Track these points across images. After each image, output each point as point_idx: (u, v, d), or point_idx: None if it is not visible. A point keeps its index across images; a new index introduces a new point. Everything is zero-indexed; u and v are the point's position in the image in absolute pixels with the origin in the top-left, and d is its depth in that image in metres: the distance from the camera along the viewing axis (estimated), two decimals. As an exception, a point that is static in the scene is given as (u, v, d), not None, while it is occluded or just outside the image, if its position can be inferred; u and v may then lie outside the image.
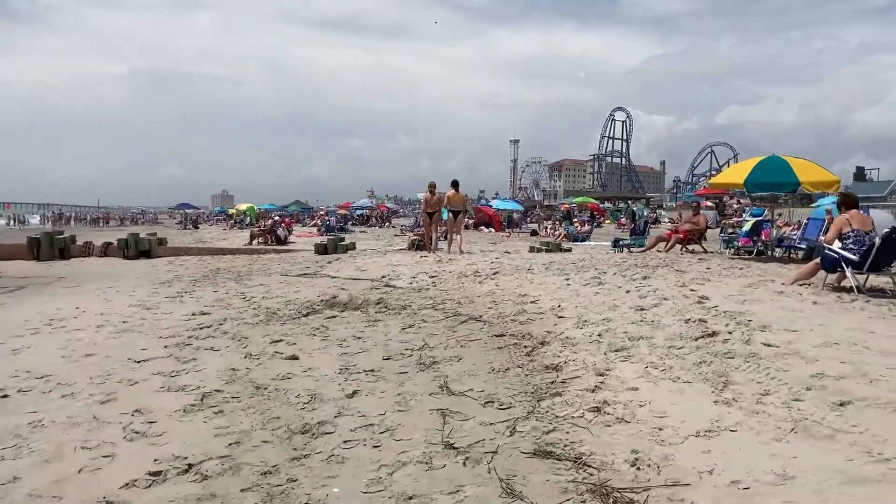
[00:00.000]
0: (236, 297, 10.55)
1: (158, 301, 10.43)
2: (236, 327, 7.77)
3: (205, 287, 12.15)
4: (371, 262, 14.66)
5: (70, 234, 20.74)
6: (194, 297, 10.72)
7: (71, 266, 18.18)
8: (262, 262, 17.27)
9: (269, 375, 5.49)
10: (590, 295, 8.18)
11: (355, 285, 11.30)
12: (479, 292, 9.34)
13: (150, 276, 15.23)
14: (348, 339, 6.74)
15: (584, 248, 21.20)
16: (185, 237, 34.63)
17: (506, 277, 10.54)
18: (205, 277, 13.87)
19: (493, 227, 36.69)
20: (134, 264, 18.48)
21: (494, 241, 26.96)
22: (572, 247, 21.01)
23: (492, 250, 21.21)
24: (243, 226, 43.42)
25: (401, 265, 13.61)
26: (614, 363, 5.21)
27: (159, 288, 12.31)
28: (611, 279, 9.29)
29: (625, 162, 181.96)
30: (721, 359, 5.04)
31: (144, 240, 19.85)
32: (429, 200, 17.45)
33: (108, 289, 12.76)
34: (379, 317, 7.90)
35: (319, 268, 14.55)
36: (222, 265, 17.01)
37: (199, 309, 9.25)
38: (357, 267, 13.95)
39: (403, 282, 11.40)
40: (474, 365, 5.46)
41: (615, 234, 29.37)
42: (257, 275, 13.95)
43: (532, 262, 12.48)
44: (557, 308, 7.53)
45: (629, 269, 10.03)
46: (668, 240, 14.98)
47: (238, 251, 20.70)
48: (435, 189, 17.57)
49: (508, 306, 7.97)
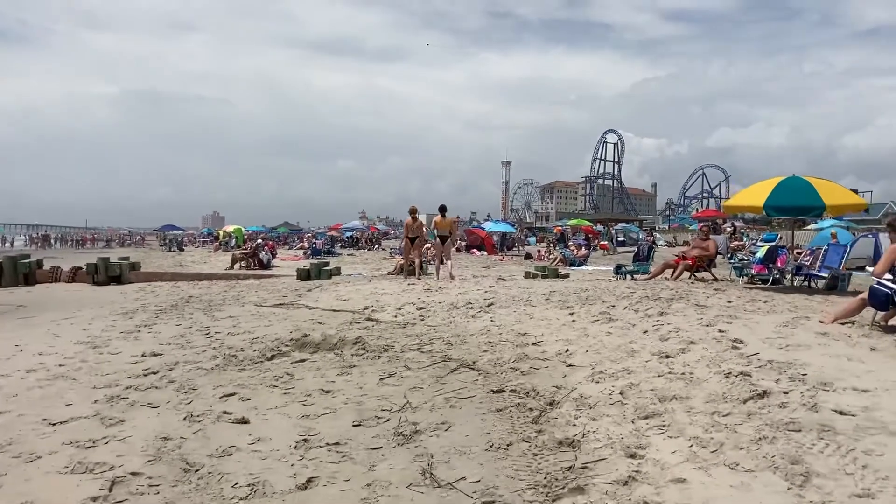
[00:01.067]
0: (199, 332, 9.38)
1: (111, 337, 9.24)
2: (187, 374, 6.61)
3: (169, 319, 10.96)
4: (354, 289, 13.50)
5: (37, 258, 19.49)
6: (152, 332, 9.54)
7: (34, 293, 16.94)
8: (239, 288, 16.11)
9: (207, 449, 4.32)
10: (601, 335, 7.04)
11: (334, 318, 10.14)
12: (473, 330, 8.19)
13: (115, 304, 14.02)
14: (315, 392, 5.58)
15: (581, 274, 20.10)
16: (165, 260, 33.40)
17: (502, 311, 9.40)
18: (172, 307, 12.69)
19: (486, 249, 35.61)
20: (102, 291, 17.25)
21: (487, 264, 25.85)
22: (569, 272, 19.90)
23: (485, 275, 20.08)
24: (228, 248, 42.16)
25: (386, 294, 12.46)
26: (647, 437, 4.07)
27: (118, 320, 11.12)
28: (622, 314, 8.16)
29: (616, 184, 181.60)
30: (786, 434, 3.90)
31: (115, 264, 18.62)
32: (410, 225, 17.02)
33: (63, 320, 11.56)
34: (355, 361, 6.74)
35: (298, 296, 13.38)
36: (196, 292, 15.82)
37: (153, 348, 8.07)
38: (338, 296, 12.78)
39: (388, 314, 10.25)
40: (467, 437, 4.30)
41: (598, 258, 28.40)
42: (230, 304, 12.77)
43: (530, 292, 11.34)
44: (565, 353, 6.39)
45: (641, 303, 8.91)
46: (676, 267, 13.88)
47: (216, 276, 19.51)
48: (416, 213, 17.09)
49: (507, 349, 6.82)
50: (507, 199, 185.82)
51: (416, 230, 17.23)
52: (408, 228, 17.44)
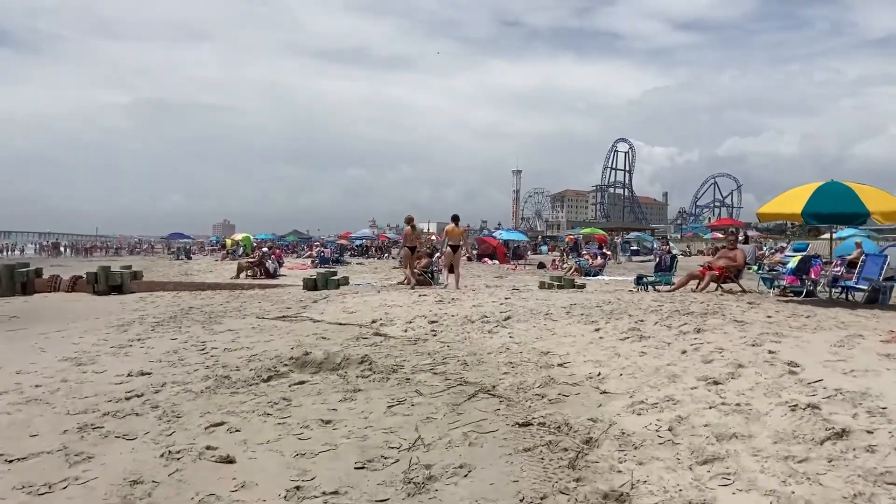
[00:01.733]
0: (194, 347, 8.71)
1: (99, 353, 8.58)
2: (174, 397, 5.93)
3: (164, 332, 10.31)
4: (362, 301, 12.82)
5: (36, 267, 18.90)
6: (145, 348, 8.88)
7: (30, 303, 16.34)
8: (243, 299, 15.47)
9: (181, 497, 3.63)
10: (633, 355, 6.32)
11: (339, 333, 9.46)
12: (490, 347, 7.47)
13: (112, 316, 13.40)
14: (313, 423, 4.87)
15: (598, 284, 19.33)
16: (170, 269, 32.78)
17: (521, 325, 8.69)
18: (171, 319, 12.04)
19: (498, 258, 34.86)
20: (102, 301, 16.64)
21: (500, 274, 25.09)
22: (586, 282, 19.14)
23: (498, 285, 19.35)
24: (236, 257, 41.55)
25: (395, 306, 11.77)
26: (711, 489, 3.34)
27: (112, 333, 10.47)
28: (654, 331, 7.43)
29: (627, 193, 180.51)
30: (885, 488, 3.18)
31: (116, 274, 18.01)
32: (408, 235, 16.63)
33: (54, 333, 10.93)
34: (360, 384, 6.03)
35: (302, 308, 12.71)
36: (197, 303, 15.19)
37: (142, 366, 7.40)
38: (345, 308, 12.10)
39: (397, 328, 9.55)
40: (492, 485, 3.58)
41: (612, 268, 27.71)
42: (231, 316, 12.11)
43: (549, 304, 10.62)
44: (597, 377, 5.66)
45: (672, 318, 8.17)
46: (701, 277, 13.12)
47: (219, 286, 18.86)
48: (413, 222, 16.82)
49: (530, 371, 6.10)
50: (517, 207, 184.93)
51: (415, 239, 16.87)
52: (406, 238, 17.01)
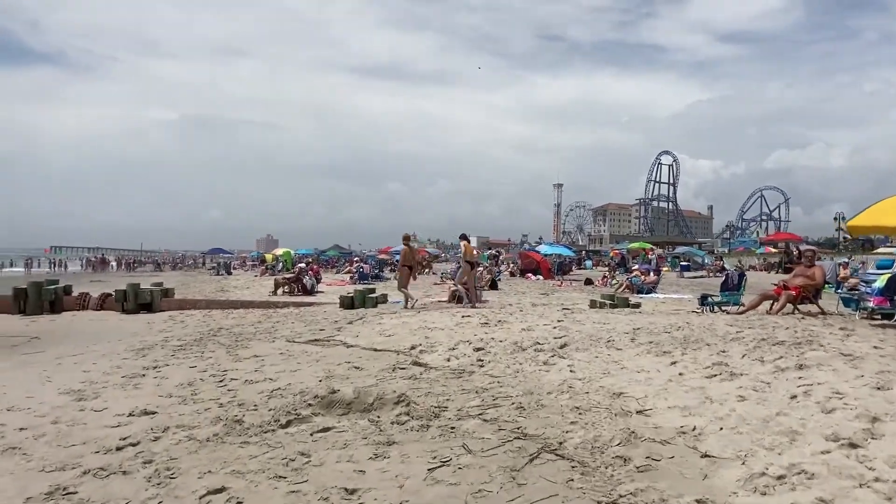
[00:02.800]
0: (212, 378, 7.76)
1: (107, 384, 7.69)
2: (174, 448, 4.95)
3: (185, 358, 9.42)
4: (400, 323, 11.79)
5: (65, 284, 18.29)
6: (159, 378, 7.97)
7: (56, 322, 15.68)
8: (276, 319, 14.60)
9: None
10: (729, 399, 5.16)
11: (374, 361, 8.44)
12: (549, 384, 6.37)
13: (136, 337, 12.60)
14: (334, 494, 3.84)
15: (654, 303, 18.07)
16: (208, 285, 32.29)
17: (581, 355, 7.56)
18: (195, 342, 11.18)
19: (542, 274, 33.62)
20: (129, 320, 15.91)
21: (546, 291, 23.91)
22: (639, 300, 17.89)
23: (545, 304, 18.20)
24: (275, 272, 40.99)
25: (437, 328, 10.72)
26: None
27: (129, 359, 9.62)
28: (743, 366, 6.25)
29: (671, 206, 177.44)
30: None
31: (145, 291, 17.29)
32: (406, 254, 16.25)
33: (68, 357, 10.13)
34: (396, 434, 4.98)
35: (336, 330, 11.73)
36: (227, 323, 14.36)
37: (148, 403, 6.46)
38: (382, 330, 11.09)
39: (439, 356, 8.50)
40: None
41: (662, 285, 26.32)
42: (260, 339, 11.20)
43: (608, 329, 9.47)
44: (691, 431, 4.52)
45: (760, 348, 6.97)
46: (776, 298, 11.82)
47: (253, 304, 18.03)
48: (410, 241, 16.52)
49: (603, 420, 4.98)
50: (558, 221, 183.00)
51: (412, 258, 16.56)
52: (404, 257, 16.40)
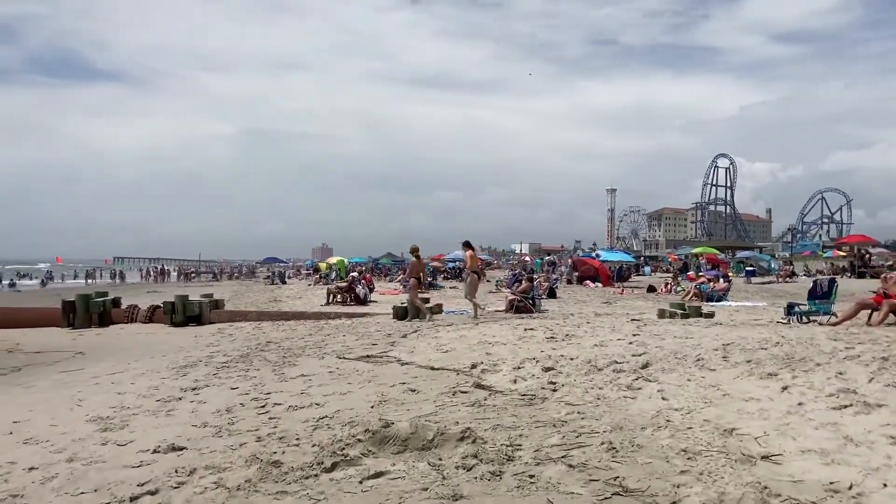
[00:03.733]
0: (254, 403, 7.01)
1: (140, 409, 7.00)
2: (197, 497, 4.15)
3: (228, 377, 8.71)
4: (458, 336, 10.91)
5: (114, 296, 17.91)
6: (196, 402, 7.25)
7: (103, 336, 15.23)
8: (327, 331, 13.89)
9: None
10: (879, 441, 4.13)
11: (431, 382, 7.57)
12: (640, 415, 5.39)
13: (182, 352, 11.98)
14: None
15: (727, 312, 16.83)
16: (262, 294, 31.95)
17: (669, 378, 6.55)
18: (242, 358, 10.49)
19: (601, 281, 32.42)
20: (177, 334, 15.38)
21: (608, 299, 22.78)
22: (712, 309, 16.66)
23: (609, 313, 17.13)
24: (329, 281, 40.57)
25: (498, 343, 9.81)
26: None
27: (168, 378, 8.94)
28: (875, 393, 5.18)
29: (729, 210, 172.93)
30: None
31: (194, 303, 16.77)
32: (414, 265, 16.31)
33: (107, 377, 9.53)
34: (462, 484, 4.08)
35: (390, 344, 10.92)
36: (277, 336, 13.69)
37: (178, 435, 5.73)
38: (439, 345, 10.23)
39: (504, 377, 7.58)
40: None
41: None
42: (309, 354, 10.47)
43: (692, 343, 8.41)
44: (847, 490, 3.52)
45: (888, 369, 5.87)
46: (875, 307, 10.58)
47: (304, 316, 17.37)
48: (418, 252, 16.39)
49: (722, 469, 3.99)
50: (612, 227, 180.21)
51: (420, 270, 16.45)
52: (413, 269, 16.42)
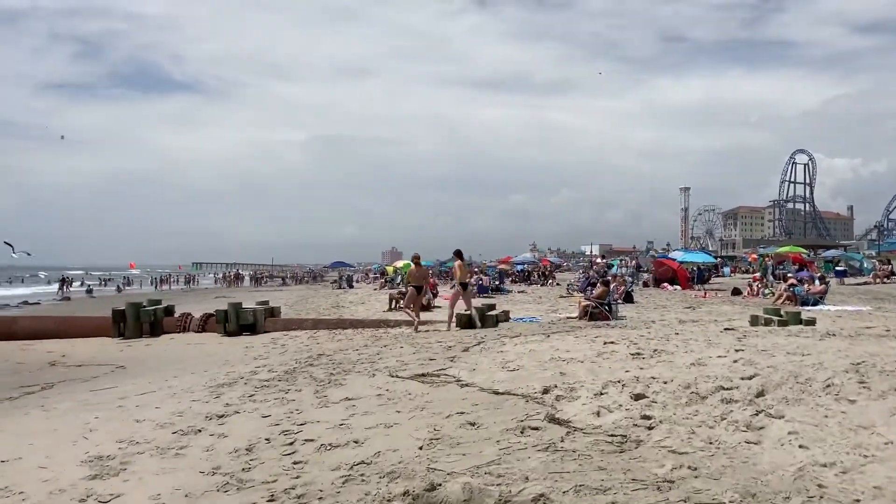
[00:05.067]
0: (282, 438, 5.88)
1: (149, 445, 5.94)
2: None
3: (264, 400, 7.62)
4: (527, 350, 9.59)
5: (167, 305, 17.21)
6: (218, 434, 6.18)
7: (151, 348, 14.48)
8: (384, 342, 12.81)
9: None
10: None
11: (495, 413, 6.28)
12: (775, 473, 4.00)
13: (227, 366, 11.06)
14: None
15: (829, 318, 15.02)
16: (325, 300, 31.21)
17: (798, 411, 5.10)
18: (287, 375, 9.45)
19: (680, 283, 30.51)
20: (228, 344, 14.53)
21: (691, 304, 21.05)
22: (811, 314, 14.87)
23: (695, 320, 15.52)
24: (394, 285, 39.68)
25: (574, 360, 8.44)
26: None
27: (200, 400, 7.92)
28: None
29: (808, 207, 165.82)
30: None
31: (247, 312, 15.91)
32: (413, 273, 15.97)
33: (137, 397, 8.61)
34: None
35: (450, 360, 9.67)
36: (331, 347, 12.69)
37: (175, 489, 4.63)
38: (504, 362, 8.92)
39: (584, 407, 6.23)
40: None
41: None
42: (359, 371, 9.33)
43: (812, 362, 6.86)
44: None
45: None
46: None
47: (363, 324, 16.34)
48: (419, 260, 16.31)
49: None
50: (686, 226, 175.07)
51: (421, 279, 15.90)
52: (411, 276, 16.06)
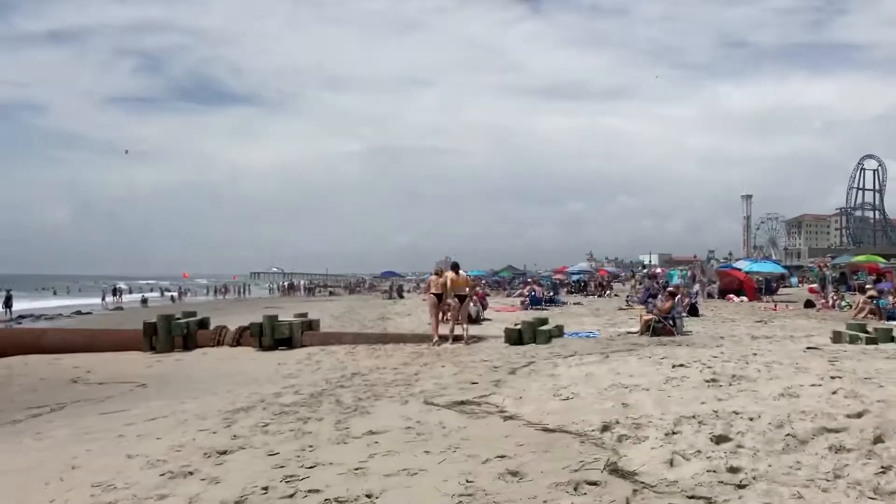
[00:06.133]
0: (281, 489, 4.85)
1: (126, 493, 4.95)
2: None
3: (277, 433, 6.60)
4: (583, 374, 8.38)
5: (202, 317, 16.45)
6: (209, 479, 5.19)
7: (181, 363, 13.66)
8: (424, 360, 11.85)
9: None
10: None
11: (543, 458, 5.13)
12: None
13: (252, 386, 10.12)
14: None
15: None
16: (372, 311, 30.27)
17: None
18: (311, 399, 8.46)
19: (747, 294, 28.70)
20: (261, 359, 13.64)
21: (761, 317, 19.43)
22: None
23: (769, 336, 14.06)
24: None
25: (638, 387, 7.22)
26: None
27: (208, 430, 6.95)
28: None
29: (878, 215, 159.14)
30: None
31: (283, 325, 15.00)
32: (434, 282, 15.88)
33: (142, 424, 7.68)
34: None
35: (494, 384, 8.53)
36: (368, 365, 11.70)
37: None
38: (556, 388, 7.73)
39: (653, 452, 5.04)
40: None
41: None
42: (391, 396, 8.29)
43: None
44: None
45: None
46: None
47: (404, 339, 15.28)
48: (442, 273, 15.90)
49: None
50: (748, 235, 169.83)
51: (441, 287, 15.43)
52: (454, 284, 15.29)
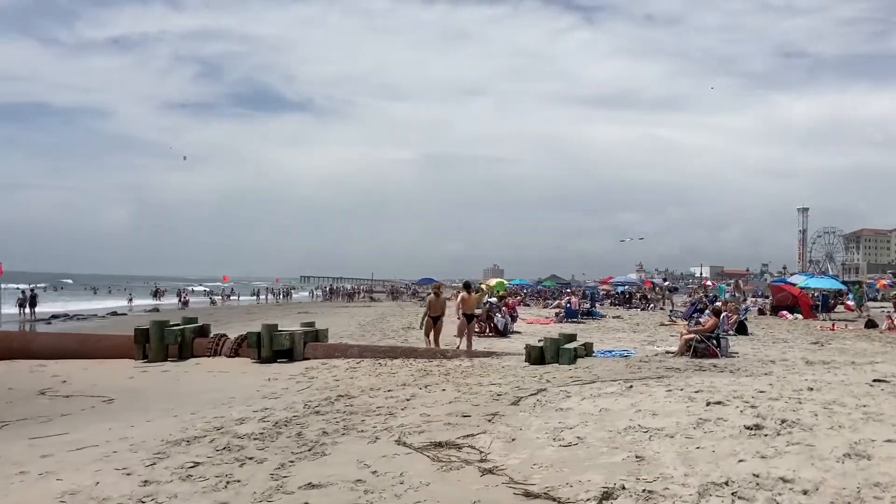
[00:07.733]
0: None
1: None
2: None
3: (200, 479, 5.28)
4: (596, 409, 6.92)
5: (202, 324, 15.31)
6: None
7: (166, 374, 12.51)
8: (428, 380, 10.47)
9: None
10: None
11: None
12: None
13: (226, 407, 8.88)
14: None
15: None
16: (400, 319, 29.01)
17: None
18: (276, 428, 7.14)
19: (801, 312, 26.61)
20: (254, 373, 12.40)
21: (817, 338, 17.54)
22: None
23: (827, 361, 12.30)
24: (479, 305, 37.10)
25: (660, 431, 5.76)
26: None
27: (136, 464, 5.75)
28: None
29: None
30: None
31: (283, 336, 13.72)
32: (433, 303, 15.64)
33: (61, 455, 6.53)
34: None
35: (488, 419, 7.09)
36: (365, 383, 10.42)
37: None
38: (560, 427, 6.27)
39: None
40: None
41: None
42: (364, 428, 6.93)
43: None
44: None
45: None
46: None
47: (415, 353, 13.89)
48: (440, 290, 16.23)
49: None
50: (804, 249, 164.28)
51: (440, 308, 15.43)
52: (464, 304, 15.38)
